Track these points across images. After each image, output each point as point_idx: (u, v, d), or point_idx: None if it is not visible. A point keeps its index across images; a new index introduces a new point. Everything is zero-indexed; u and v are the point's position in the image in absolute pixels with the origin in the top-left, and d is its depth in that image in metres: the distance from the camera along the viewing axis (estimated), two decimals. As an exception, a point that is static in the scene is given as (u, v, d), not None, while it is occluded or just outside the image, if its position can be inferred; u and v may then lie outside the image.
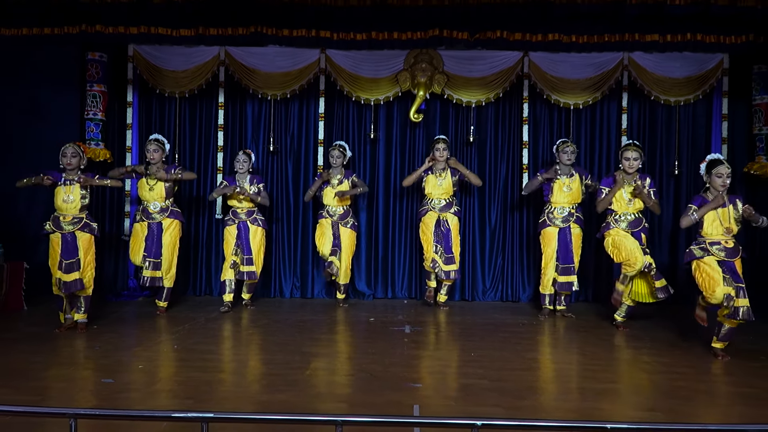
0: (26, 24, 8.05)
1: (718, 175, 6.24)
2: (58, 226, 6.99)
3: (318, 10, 7.60)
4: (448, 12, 7.58)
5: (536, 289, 9.21)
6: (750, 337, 7.10)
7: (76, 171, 7.07)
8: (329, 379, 5.64)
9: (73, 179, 7.03)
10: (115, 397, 5.01)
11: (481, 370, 5.83)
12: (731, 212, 6.24)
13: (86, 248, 7.05)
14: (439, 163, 8.35)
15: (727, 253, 6.21)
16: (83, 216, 7.07)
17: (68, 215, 7.01)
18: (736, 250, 6.25)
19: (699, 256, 6.26)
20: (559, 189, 7.95)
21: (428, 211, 8.40)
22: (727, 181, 6.25)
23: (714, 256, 6.20)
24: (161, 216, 7.93)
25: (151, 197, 7.89)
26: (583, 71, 8.91)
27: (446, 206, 8.38)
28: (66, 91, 8.90)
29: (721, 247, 6.22)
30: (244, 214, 8.27)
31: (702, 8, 7.22)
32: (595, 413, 4.83)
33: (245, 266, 8.24)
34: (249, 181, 8.30)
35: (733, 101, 8.96)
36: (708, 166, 6.38)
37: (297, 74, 9.03)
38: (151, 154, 7.88)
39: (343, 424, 3.70)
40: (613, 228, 7.35)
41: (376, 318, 8.02)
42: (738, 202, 6.29)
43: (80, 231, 7.03)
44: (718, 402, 5.23)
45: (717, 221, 6.23)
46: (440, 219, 8.36)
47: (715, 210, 6.23)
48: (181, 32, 8.28)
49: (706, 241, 6.26)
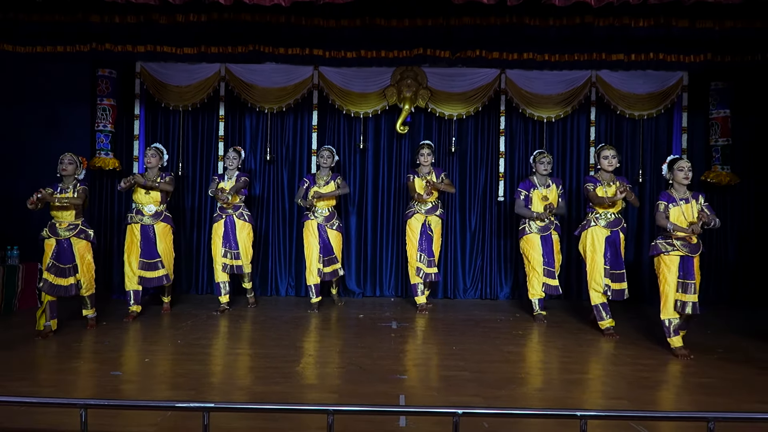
0: (40, 42, 8.01)
1: (680, 168, 6.27)
2: (55, 233, 6.81)
3: (311, 30, 7.60)
4: (432, 32, 7.59)
5: (513, 287, 9.27)
6: (707, 331, 7.16)
7: (71, 178, 6.91)
8: (321, 372, 5.62)
9: (68, 187, 6.87)
10: (122, 389, 5.00)
11: (462, 363, 5.85)
12: (695, 207, 6.22)
13: (82, 254, 6.90)
14: (424, 167, 8.29)
15: (690, 249, 6.18)
16: (78, 223, 6.90)
17: (64, 222, 6.84)
18: (698, 246, 6.24)
19: (664, 251, 6.23)
20: (538, 199, 7.75)
21: (414, 213, 8.29)
22: (689, 174, 6.27)
23: (678, 251, 6.18)
24: (154, 220, 7.68)
25: (146, 200, 7.68)
26: (555, 87, 8.96)
27: (432, 209, 8.29)
28: (78, 105, 8.89)
29: (685, 242, 6.18)
30: (230, 209, 8.15)
31: (663, 30, 7.25)
32: (567, 402, 4.86)
33: (234, 260, 8.17)
34: (236, 178, 8.14)
35: (692, 115, 9.02)
36: (670, 164, 6.42)
37: (292, 89, 9.03)
38: (148, 159, 7.74)
39: (334, 413, 3.71)
40: (593, 226, 7.15)
41: (365, 315, 8.01)
42: (700, 197, 6.30)
43: (76, 237, 6.87)
44: (679, 391, 5.26)
45: (681, 216, 6.19)
46: (426, 221, 8.29)
47: (679, 206, 6.23)
48: (184, 50, 8.26)
49: (672, 237, 6.21)
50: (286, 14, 7.34)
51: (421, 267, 8.22)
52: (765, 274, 8.81)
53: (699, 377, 5.50)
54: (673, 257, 6.21)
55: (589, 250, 7.16)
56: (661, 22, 7.17)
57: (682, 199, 6.26)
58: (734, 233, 9.03)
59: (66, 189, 6.85)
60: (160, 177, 7.74)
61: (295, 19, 7.43)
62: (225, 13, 7.21)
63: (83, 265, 6.91)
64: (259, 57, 8.43)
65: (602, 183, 7.20)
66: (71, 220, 6.86)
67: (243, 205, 8.27)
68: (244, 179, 8.12)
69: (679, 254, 6.19)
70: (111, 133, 8.85)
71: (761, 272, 8.86)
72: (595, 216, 7.19)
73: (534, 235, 7.74)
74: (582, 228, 7.31)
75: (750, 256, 8.97)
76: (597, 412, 4.21)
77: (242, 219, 8.19)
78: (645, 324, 7.47)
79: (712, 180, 8.71)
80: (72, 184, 6.88)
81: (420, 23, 7.47)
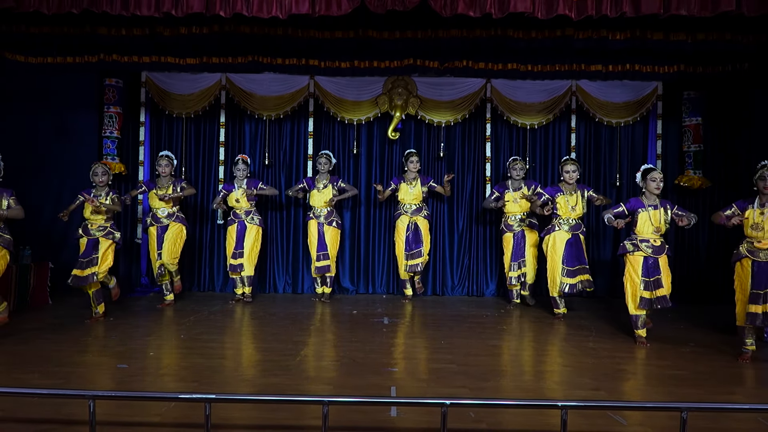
0: (51, 53, 8.00)
1: (653, 179, 6.39)
2: (87, 233, 7.18)
3: (308, 41, 7.59)
4: (421, 44, 7.61)
5: (498, 285, 9.29)
6: (680, 326, 7.20)
7: (105, 186, 7.26)
8: (317, 365, 5.63)
9: (101, 194, 7.19)
10: (128, 381, 4.98)
11: (450, 356, 5.86)
12: (662, 214, 6.35)
13: (105, 251, 7.13)
14: (410, 173, 8.49)
15: (654, 251, 6.32)
16: (108, 225, 7.24)
17: (95, 223, 7.19)
18: (663, 248, 6.38)
19: (630, 251, 6.41)
20: (511, 200, 8.24)
21: (401, 214, 8.56)
22: (660, 184, 6.41)
23: (642, 252, 6.32)
24: (168, 220, 7.97)
25: (159, 204, 7.94)
26: (538, 96, 9.01)
27: (417, 210, 8.51)
28: (86, 112, 8.90)
29: (650, 244, 6.34)
30: (242, 213, 8.34)
31: (639, 42, 7.28)
32: (549, 393, 4.88)
33: (236, 260, 8.32)
34: (247, 184, 8.32)
35: (666, 122, 9.08)
36: (643, 173, 6.51)
37: (289, 97, 9.04)
38: (162, 168, 7.96)
39: (329, 404, 3.72)
40: (556, 231, 7.53)
41: (358, 311, 8.01)
42: (668, 206, 6.41)
43: (104, 238, 7.16)
44: (654, 383, 5.27)
45: (648, 221, 6.34)
46: (411, 222, 8.48)
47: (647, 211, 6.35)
48: (187, 61, 8.26)
49: (638, 238, 6.38)
50: (283, 26, 7.34)
51: (406, 263, 8.48)
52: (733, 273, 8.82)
53: (672, 369, 5.52)
54: (637, 257, 6.38)
55: (550, 251, 7.60)
56: (637, 35, 7.20)
57: (650, 205, 6.41)
58: (704, 234, 9.06)
59: (98, 195, 7.19)
60: (173, 184, 7.98)
61: (292, 31, 7.43)
62: (225, 26, 7.22)
63: (102, 260, 7.11)
64: (258, 67, 8.44)
65: (564, 192, 7.59)
66: (102, 222, 7.21)
67: (254, 210, 8.42)
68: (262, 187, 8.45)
69: (643, 255, 6.33)
70: (117, 139, 8.85)
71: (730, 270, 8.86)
72: (558, 221, 7.56)
73: (509, 234, 8.28)
74: (547, 232, 7.68)
75: (720, 256, 8.98)
76: (577, 402, 4.24)
77: (252, 223, 8.34)
78: (621, 319, 7.47)
79: (685, 184, 8.76)
80: (105, 192, 7.23)
81: (410, 35, 7.49)
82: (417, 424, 4.09)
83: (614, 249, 9.09)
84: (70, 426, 3.97)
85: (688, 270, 8.95)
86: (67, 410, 4.16)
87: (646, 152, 9.17)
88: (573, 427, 3.87)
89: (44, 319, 7.07)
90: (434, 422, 3.77)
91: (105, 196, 7.20)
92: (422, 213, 8.53)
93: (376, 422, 4.11)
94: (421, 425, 4.05)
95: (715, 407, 4.18)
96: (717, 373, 5.41)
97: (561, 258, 7.46)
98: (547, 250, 7.63)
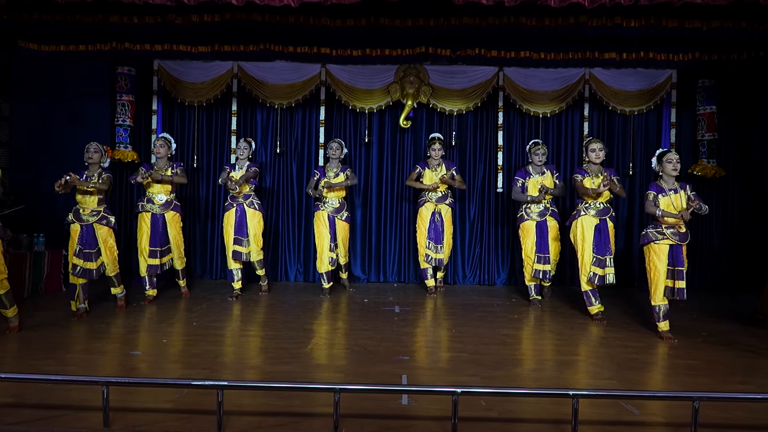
0: (63, 42, 8.04)
1: (669, 161, 6.21)
2: (79, 218, 6.81)
3: (319, 29, 7.59)
4: (433, 32, 7.58)
5: (510, 274, 9.27)
6: (693, 316, 7.16)
7: (97, 166, 6.87)
8: (328, 353, 5.65)
9: (93, 174, 6.82)
10: (141, 367, 5.02)
11: (461, 345, 5.87)
12: (683, 197, 6.18)
13: (104, 239, 6.89)
14: (434, 159, 8.29)
15: (680, 237, 6.14)
16: (101, 209, 6.87)
17: (88, 207, 6.82)
18: (687, 235, 6.20)
19: (654, 240, 6.18)
20: (534, 187, 7.65)
21: (426, 202, 8.28)
22: (677, 165, 6.21)
23: (669, 240, 6.13)
24: (164, 209, 7.61)
25: (157, 190, 7.60)
26: (551, 84, 8.93)
27: (442, 198, 8.28)
28: (99, 100, 8.89)
29: (675, 231, 6.13)
30: (241, 197, 7.98)
31: (653, 29, 7.22)
32: (560, 382, 4.87)
33: (244, 248, 7.99)
34: (246, 168, 7.97)
35: (680, 111, 8.99)
36: (659, 156, 6.36)
37: (301, 86, 9.01)
38: (157, 149, 7.66)
39: (340, 391, 3.73)
40: (582, 216, 7.03)
41: (369, 299, 8.03)
42: (688, 187, 6.26)
43: (98, 223, 6.85)
44: (665, 372, 5.26)
45: (671, 206, 6.13)
46: (435, 210, 8.27)
47: (668, 196, 6.18)
48: (199, 49, 8.26)
49: (663, 226, 6.17)
50: (295, 14, 7.33)
51: (429, 253, 8.28)
52: (746, 262, 8.80)
53: (684, 359, 5.50)
54: (662, 246, 6.17)
55: (579, 239, 7.06)
56: (651, 22, 7.14)
57: (671, 189, 6.22)
58: (718, 223, 9.01)
59: (91, 176, 6.81)
60: (171, 167, 7.67)
61: (303, 19, 7.42)
62: (237, 14, 7.22)
63: (106, 249, 6.92)
64: (270, 55, 8.44)
65: (590, 174, 7.11)
66: (94, 206, 6.84)
67: (253, 194, 8.09)
68: (254, 170, 7.97)
69: (669, 243, 6.16)
70: (130, 127, 8.88)
71: (743, 260, 8.86)
72: (585, 206, 7.07)
73: (530, 222, 7.67)
74: (572, 218, 7.20)
75: (733, 245, 8.95)
76: (588, 391, 4.23)
77: (252, 207, 8.00)
78: (634, 309, 7.48)
79: (699, 173, 8.70)
80: (97, 172, 6.84)
81: (422, 23, 7.46)
82: (428, 412, 4.09)
83: (626, 237, 9.08)
84: (84, 412, 3.99)
85: (701, 259, 8.90)
86: (81, 396, 4.19)
87: (660, 141, 9.08)
88: (584, 416, 3.87)
89: (58, 307, 7.11)
90: (445, 410, 3.78)
91: (97, 177, 6.80)
92: (447, 201, 8.31)
93: (387, 410, 4.11)
94: (432, 413, 4.05)
95: (727, 397, 4.16)
96: (729, 363, 5.38)
97: (591, 246, 6.96)
98: (576, 240, 7.11)
